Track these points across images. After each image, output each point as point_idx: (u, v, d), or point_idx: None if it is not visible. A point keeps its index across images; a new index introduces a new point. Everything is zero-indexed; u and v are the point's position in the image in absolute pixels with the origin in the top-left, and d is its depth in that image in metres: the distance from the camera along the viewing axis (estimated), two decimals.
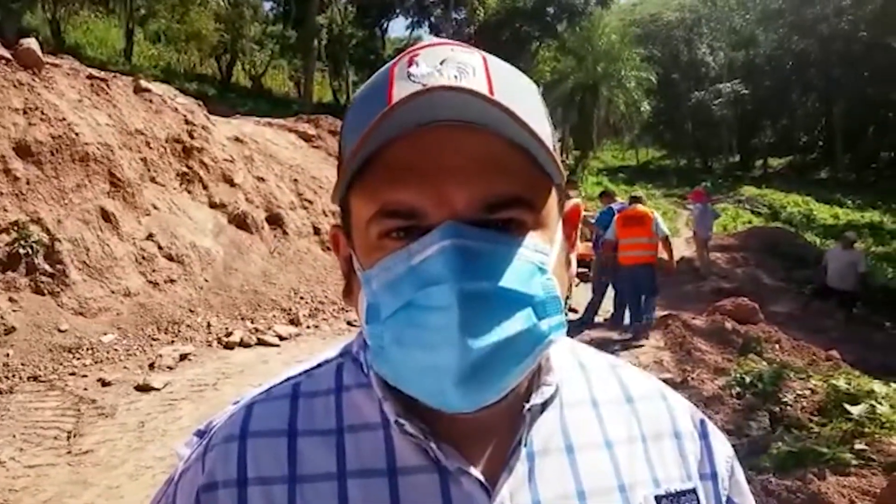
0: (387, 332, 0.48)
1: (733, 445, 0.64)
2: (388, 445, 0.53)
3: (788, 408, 4.43)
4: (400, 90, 0.47)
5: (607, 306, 7.86)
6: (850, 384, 4.37)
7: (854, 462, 3.30)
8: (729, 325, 7.16)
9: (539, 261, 0.49)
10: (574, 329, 7.35)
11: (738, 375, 5.11)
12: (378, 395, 0.54)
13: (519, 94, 0.50)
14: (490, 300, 0.45)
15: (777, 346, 6.60)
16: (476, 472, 0.51)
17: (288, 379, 0.60)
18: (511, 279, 0.46)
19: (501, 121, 0.45)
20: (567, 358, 0.62)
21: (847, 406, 3.94)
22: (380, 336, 0.48)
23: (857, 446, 3.44)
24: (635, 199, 7.49)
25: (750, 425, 4.38)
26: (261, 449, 0.54)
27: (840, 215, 23.29)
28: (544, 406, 0.56)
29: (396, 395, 0.52)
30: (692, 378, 5.28)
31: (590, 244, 8.78)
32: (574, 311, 8.42)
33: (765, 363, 5.53)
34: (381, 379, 0.53)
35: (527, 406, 0.53)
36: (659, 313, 7.72)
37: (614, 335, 7.30)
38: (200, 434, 0.60)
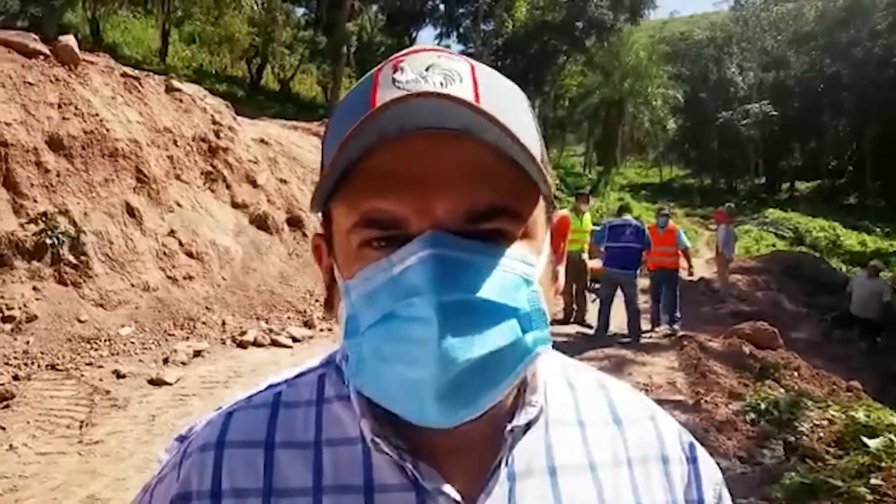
0: (366, 345, 0.46)
1: (744, 473, 0.62)
2: (366, 461, 0.52)
3: (804, 437, 4.33)
4: (383, 96, 0.45)
5: (620, 323, 7.78)
6: (869, 416, 4.26)
7: (869, 497, 3.21)
8: (746, 349, 7.03)
9: (525, 272, 0.47)
10: (589, 345, 7.32)
11: (753, 401, 5.00)
12: (356, 411, 0.52)
13: (506, 103, 0.48)
14: (472, 312, 0.43)
15: (796, 373, 6.45)
16: (453, 492, 0.50)
17: (270, 387, 0.59)
18: (494, 291, 0.44)
19: (487, 129, 0.43)
20: (556, 377, 0.60)
21: (865, 439, 3.83)
22: (359, 348, 0.46)
23: (873, 481, 3.34)
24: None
25: (763, 453, 4.29)
26: (237, 460, 0.53)
27: (868, 242, 22.78)
28: (528, 426, 0.54)
29: (375, 411, 0.51)
30: (705, 401, 5.18)
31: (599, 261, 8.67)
32: (590, 326, 8.34)
33: (782, 390, 5.41)
34: (360, 394, 0.51)
35: (509, 427, 0.52)
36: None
37: (629, 353, 7.21)
38: (182, 439, 0.59)
